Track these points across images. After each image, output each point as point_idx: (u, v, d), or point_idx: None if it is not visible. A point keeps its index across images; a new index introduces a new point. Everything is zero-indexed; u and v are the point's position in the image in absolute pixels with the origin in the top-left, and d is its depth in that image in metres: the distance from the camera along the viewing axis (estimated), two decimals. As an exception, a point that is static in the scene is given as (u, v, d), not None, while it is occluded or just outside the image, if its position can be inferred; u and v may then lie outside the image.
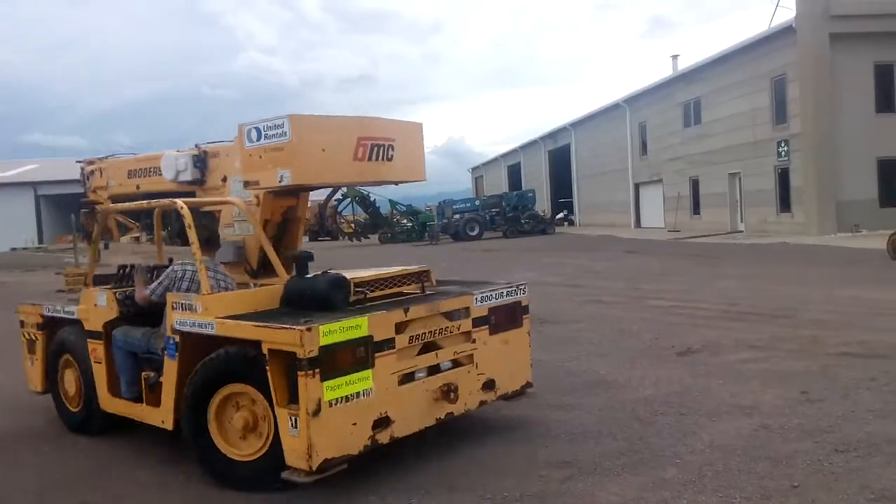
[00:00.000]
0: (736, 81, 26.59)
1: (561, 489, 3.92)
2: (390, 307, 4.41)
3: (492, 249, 26.30)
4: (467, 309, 4.74)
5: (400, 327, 4.29)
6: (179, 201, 4.83)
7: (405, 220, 38.53)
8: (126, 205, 5.96)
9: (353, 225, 38.58)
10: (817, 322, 8.28)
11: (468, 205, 37.71)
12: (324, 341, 3.80)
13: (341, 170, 4.76)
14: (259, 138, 4.69)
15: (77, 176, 6.86)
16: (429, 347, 4.54)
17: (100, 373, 5.26)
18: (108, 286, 5.59)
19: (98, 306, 5.31)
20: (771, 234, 24.09)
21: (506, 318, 5.00)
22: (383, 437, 4.16)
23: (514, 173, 56.22)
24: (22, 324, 6.26)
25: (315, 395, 3.76)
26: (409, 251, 28.32)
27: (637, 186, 36.17)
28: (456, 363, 4.68)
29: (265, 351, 3.90)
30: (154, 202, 5.42)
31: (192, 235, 4.67)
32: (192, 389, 4.35)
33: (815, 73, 22.36)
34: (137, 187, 6.02)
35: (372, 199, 36.51)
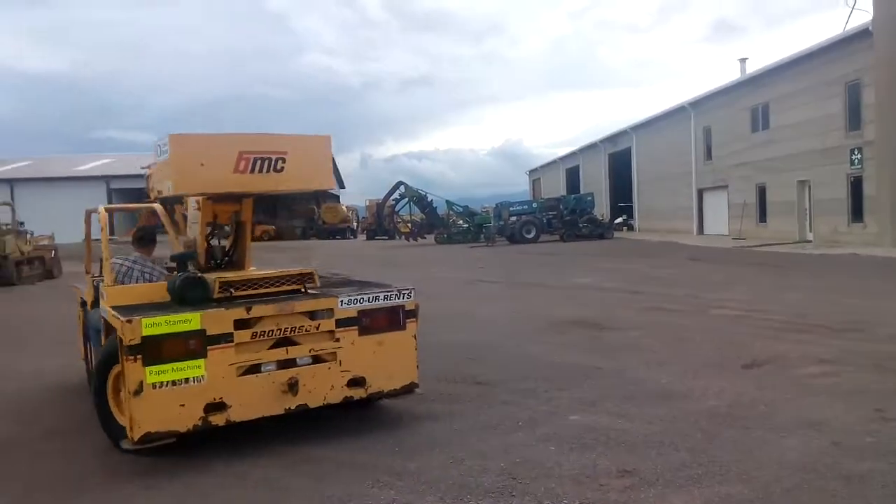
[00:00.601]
0: (807, 86, 25.69)
1: (621, 499, 3.86)
2: (231, 305, 4.85)
3: (548, 253, 26.11)
4: (331, 310, 5.03)
5: (243, 323, 4.73)
6: (101, 207, 5.97)
7: (461, 221, 38.62)
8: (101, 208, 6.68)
9: (409, 225, 38.91)
10: (891, 337, 7.92)
11: (525, 207, 37.52)
12: (147, 332, 4.37)
13: (221, 181, 5.08)
14: (160, 154, 5.26)
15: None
16: (285, 343, 4.90)
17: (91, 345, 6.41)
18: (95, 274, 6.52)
19: (87, 290, 6.41)
20: (841, 244, 23.17)
21: (383, 321, 5.24)
22: (218, 420, 4.65)
23: (573, 176, 55.67)
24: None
25: (136, 377, 4.35)
26: (461, 252, 28.37)
27: (700, 192, 35.32)
28: (317, 359, 5.00)
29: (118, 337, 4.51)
30: (89, 207, 6.71)
31: (103, 236, 5.58)
32: (97, 364, 5.20)
33: (893, 78, 21.39)
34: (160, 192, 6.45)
35: (429, 199, 36.75)
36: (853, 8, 23.71)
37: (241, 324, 4.72)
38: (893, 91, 21.38)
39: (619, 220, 43.13)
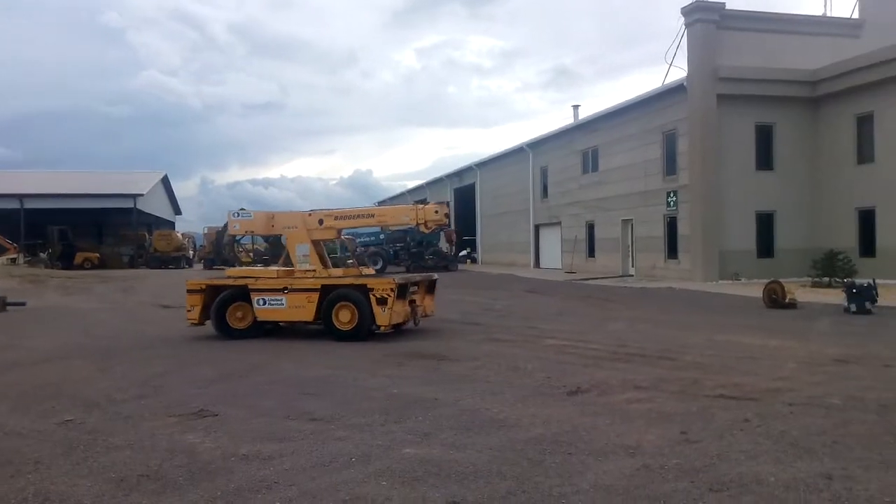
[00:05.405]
0: (631, 133, 28.11)
1: (448, 530, 3.88)
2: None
3: (393, 284, 26.19)
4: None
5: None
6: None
7: (306, 251, 37.92)
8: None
9: (251, 254, 37.58)
10: (698, 365, 8.72)
11: (373, 238, 37.56)
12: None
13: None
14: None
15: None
16: None
17: None
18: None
19: None
20: (659, 279, 25.35)
21: None
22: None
23: (420, 209, 56.59)
24: None
25: None
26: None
27: (537, 228, 37.28)
28: None
29: None
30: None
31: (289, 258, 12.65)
32: None
33: (703, 130, 23.97)
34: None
35: (273, 228, 35.74)
36: (671, 65, 26.43)
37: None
38: (704, 141, 23.94)
39: (464, 252, 44.39)
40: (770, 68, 24.05)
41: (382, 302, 11.11)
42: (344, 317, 11.39)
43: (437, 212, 11.95)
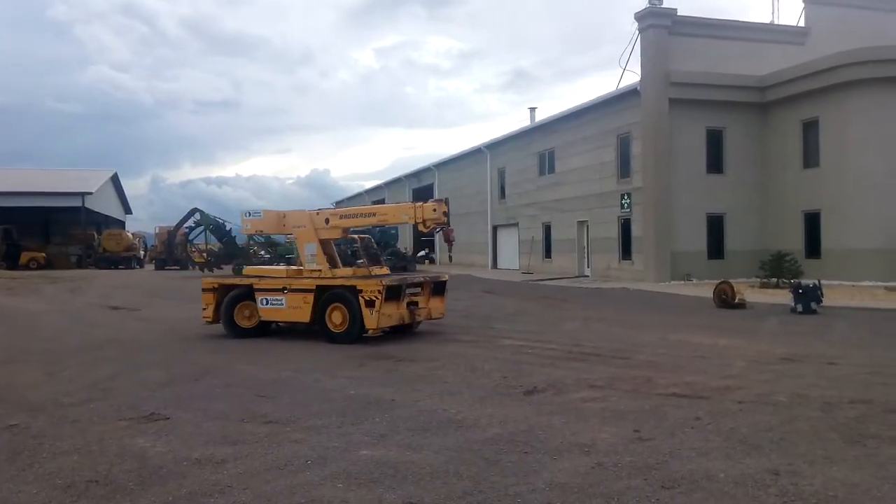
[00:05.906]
0: (587, 136, 28.49)
1: (405, 532, 3.88)
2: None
3: (351, 285, 26.03)
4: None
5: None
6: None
7: (263, 252, 37.41)
8: None
9: (205, 255, 36.93)
10: (650, 364, 8.89)
11: (329, 239, 37.26)
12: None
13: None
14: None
15: None
16: None
17: None
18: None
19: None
20: (613, 279, 25.74)
21: None
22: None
23: (377, 209, 56.38)
24: None
25: None
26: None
27: (495, 228, 37.49)
28: None
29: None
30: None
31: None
32: None
33: (656, 133, 24.44)
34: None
35: (228, 228, 35.21)
36: (625, 69, 26.84)
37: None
38: (656, 144, 24.40)
39: (422, 253, 44.36)
40: (720, 74, 24.64)
41: (370, 304, 10.75)
42: (336, 318, 11.15)
43: (434, 210, 11.57)
